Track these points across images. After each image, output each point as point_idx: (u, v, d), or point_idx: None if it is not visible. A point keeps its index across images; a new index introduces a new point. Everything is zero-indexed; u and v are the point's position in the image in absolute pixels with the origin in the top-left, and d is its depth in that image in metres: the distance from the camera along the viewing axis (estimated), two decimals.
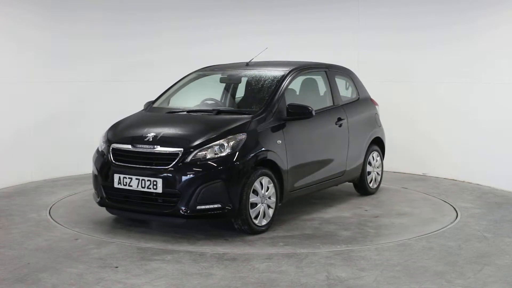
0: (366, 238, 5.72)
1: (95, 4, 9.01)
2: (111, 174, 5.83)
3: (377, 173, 7.76)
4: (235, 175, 5.60)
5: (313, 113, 6.23)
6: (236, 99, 7.08)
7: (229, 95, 7.14)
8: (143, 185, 5.62)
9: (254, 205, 5.76)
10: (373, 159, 7.64)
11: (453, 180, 8.62)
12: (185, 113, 6.43)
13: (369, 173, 7.57)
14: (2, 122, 8.05)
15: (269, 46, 7.73)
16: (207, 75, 7.25)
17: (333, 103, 7.05)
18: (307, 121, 6.42)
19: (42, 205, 7.02)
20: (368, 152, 7.49)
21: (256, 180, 5.73)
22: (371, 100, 7.84)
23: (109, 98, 9.01)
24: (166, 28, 9.55)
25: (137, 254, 5.22)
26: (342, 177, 7.12)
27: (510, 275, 4.75)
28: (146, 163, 5.69)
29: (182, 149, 5.62)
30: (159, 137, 5.79)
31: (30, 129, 8.38)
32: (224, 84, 7.21)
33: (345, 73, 7.65)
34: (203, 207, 5.52)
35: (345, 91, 7.58)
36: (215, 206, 5.55)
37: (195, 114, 6.39)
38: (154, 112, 6.66)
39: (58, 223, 6.24)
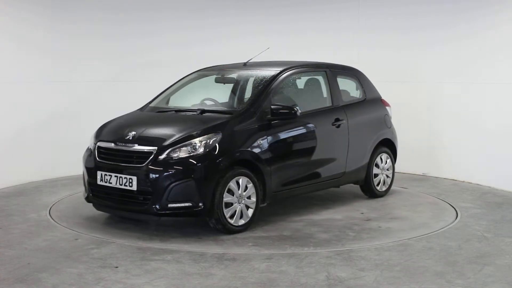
0: (339, 242, 5.61)
1: (95, 4, 9.01)
2: (95, 171, 5.98)
3: (387, 176, 7.56)
4: (206, 174, 5.63)
5: (298, 113, 6.20)
6: (245, 99, 7.06)
7: (234, 95, 7.10)
8: (120, 183, 5.75)
9: (230, 204, 5.77)
10: (382, 161, 7.47)
11: (453, 180, 8.63)
12: (173, 112, 6.51)
13: (376, 175, 7.40)
14: (2, 122, 8.05)
15: (269, 46, 7.71)
16: (208, 75, 7.27)
17: (332, 103, 6.99)
18: (296, 122, 6.40)
19: (42, 205, 7.03)
20: (374, 153, 7.35)
21: (231, 179, 5.75)
22: (382, 101, 7.69)
23: (109, 98, 9.00)
24: (167, 28, 9.55)
25: (137, 254, 5.22)
26: (341, 179, 7.04)
27: (510, 275, 4.75)
28: (125, 161, 5.82)
29: (156, 147, 5.69)
30: (138, 136, 5.91)
31: (30, 129, 8.38)
32: (232, 84, 7.18)
33: (351, 73, 7.54)
34: (174, 205, 5.59)
35: (355, 92, 7.50)
36: (186, 204, 5.60)
37: (180, 113, 6.44)
38: (146, 112, 6.76)
39: (58, 223, 6.24)
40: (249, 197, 5.92)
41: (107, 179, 5.86)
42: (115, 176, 5.79)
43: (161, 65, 9.41)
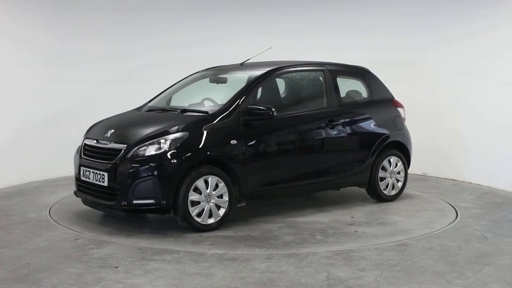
0: (298, 245, 5.49)
1: (95, 4, 9.02)
2: (79, 167, 6.27)
3: (396, 180, 7.28)
4: (168, 172, 5.71)
5: (274, 114, 6.16)
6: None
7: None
8: (96, 179, 5.97)
9: (197, 203, 5.83)
10: (390, 164, 7.20)
11: (453, 180, 8.63)
12: (160, 111, 6.66)
13: (382, 178, 7.16)
14: (2, 122, 8.06)
15: (269, 46, 7.70)
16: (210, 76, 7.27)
17: (328, 104, 6.85)
18: (279, 122, 6.37)
19: (42, 205, 7.03)
20: (380, 156, 7.09)
21: (199, 178, 5.80)
22: (393, 102, 7.47)
23: (109, 98, 9.00)
24: (167, 28, 9.55)
25: (137, 254, 5.22)
26: (338, 181, 6.87)
27: (510, 275, 4.75)
28: (101, 158, 6.03)
29: (126, 145, 5.86)
30: (115, 134, 6.11)
31: (30, 129, 8.39)
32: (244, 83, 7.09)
33: (356, 73, 7.37)
34: (138, 201, 5.73)
35: (365, 92, 7.37)
36: (149, 201, 5.73)
37: (164, 113, 6.57)
38: (139, 111, 6.90)
39: (58, 223, 6.24)
40: (221, 196, 5.95)
41: (87, 175, 6.10)
42: (93, 172, 6.01)
43: (162, 65, 9.41)
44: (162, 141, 5.80)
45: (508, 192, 7.81)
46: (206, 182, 5.86)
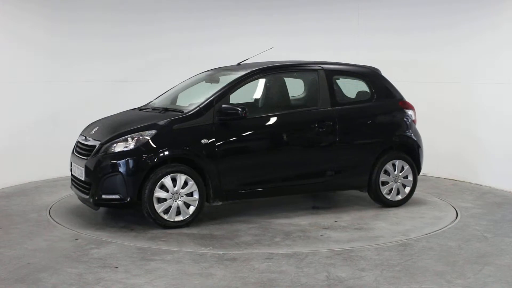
0: (250, 245, 5.45)
1: (95, 4, 9.01)
2: (71, 162, 6.59)
3: (403, 185, 7.01)
4: (133, 169, 5.89)
5: (245, 115, 6.13)
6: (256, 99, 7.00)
7: (259, 95, 6.98)
8: (78, 173, 6.27)
9: (164, 200, 5.95)
10: (395, 169, 6.93)
11: (453, 180, 8.63)
12: (149, 110, 6.79)
13: (384, 183, 6.93)
14: (2, 122, 8.06)
15: (269, 46, 7.71)
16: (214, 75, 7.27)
17: (320, 104, 6.69)
18: (258, 123, 6.37)
19: (42, 205, 7.03)
20: (381, 159, 6.86)
21: (165, 176, 5.91)
22: (401, 103, 7.19)
23: (109, 98, 9.01)
24: (168, 29, 9.54)
25: (137, 254, 5.22)
26: (330, 183, 6.70)
27: (510, 275, 4.75)
28: (83, 154, 6.29)
29: (99, 142, 6.12)
30: (97, 131, 6.40)
31: (30, 129, 8.39)
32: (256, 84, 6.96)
33: (358, 73, 7.18)
34: (106, 196, 5.96)
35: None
36: (115, 196, 5.94)
37: (150, 112, 6.68)
38: (134, 111, 7.02)
39: (58, 223, 6.25)
40: (191, 195, 6.02)
41: (74, 170, 6.43)
42: (77, 167, 6.31)
43: (162, 65, 9.41)
44: (129, 138, 5.97)
45: (508, 192, 7.82)
46: (175, 180, 5.95)
